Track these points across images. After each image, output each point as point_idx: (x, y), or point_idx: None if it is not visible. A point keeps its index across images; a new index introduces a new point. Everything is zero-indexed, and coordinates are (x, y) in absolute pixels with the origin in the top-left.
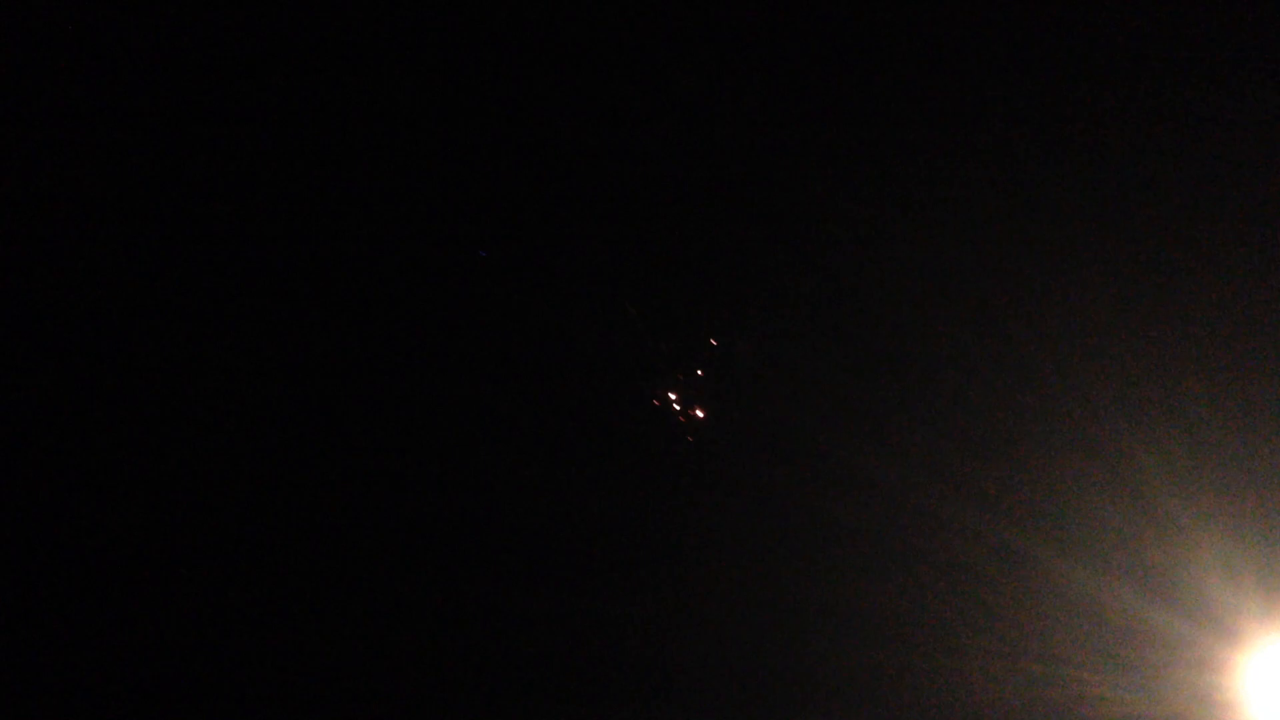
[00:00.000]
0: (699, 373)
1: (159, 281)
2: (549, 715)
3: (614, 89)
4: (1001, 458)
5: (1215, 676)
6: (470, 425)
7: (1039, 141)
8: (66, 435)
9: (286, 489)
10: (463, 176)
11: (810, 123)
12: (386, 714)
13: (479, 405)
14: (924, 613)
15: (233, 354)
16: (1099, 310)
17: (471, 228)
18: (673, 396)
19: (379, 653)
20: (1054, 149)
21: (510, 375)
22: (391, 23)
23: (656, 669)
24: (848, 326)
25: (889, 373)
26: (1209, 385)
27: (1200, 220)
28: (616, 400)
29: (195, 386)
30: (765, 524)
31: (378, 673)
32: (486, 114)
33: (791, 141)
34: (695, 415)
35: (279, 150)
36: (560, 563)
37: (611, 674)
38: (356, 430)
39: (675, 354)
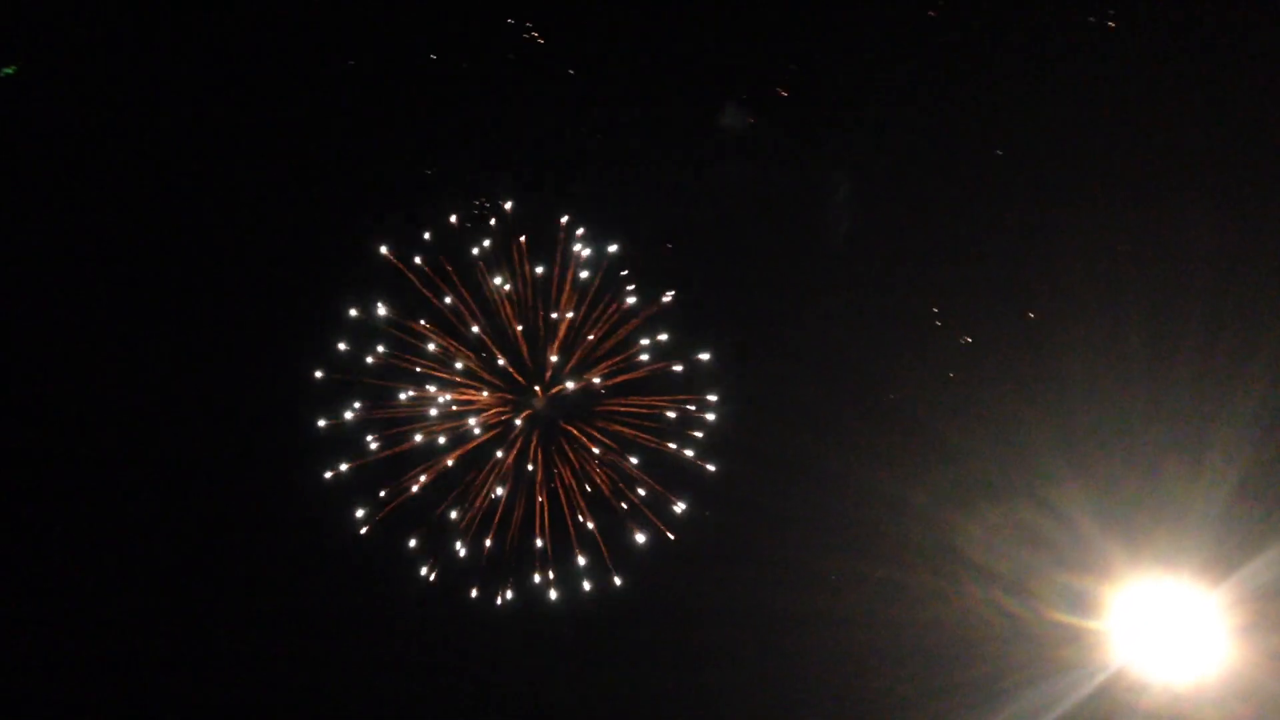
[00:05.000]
0: None
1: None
2: None
3: None
4: (900, 423)
5: (1086, 617)
6: None
7: None
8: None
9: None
10: None
11: None
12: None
13: None
14: (848, 572)
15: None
16: (986, 281)
17: None
18: None
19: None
20: None
21: None
22: None
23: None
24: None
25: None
26: (1083, 353)
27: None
28: None
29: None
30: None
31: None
32: None
33: None
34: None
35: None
36: None
37: None
38: None
39: None
